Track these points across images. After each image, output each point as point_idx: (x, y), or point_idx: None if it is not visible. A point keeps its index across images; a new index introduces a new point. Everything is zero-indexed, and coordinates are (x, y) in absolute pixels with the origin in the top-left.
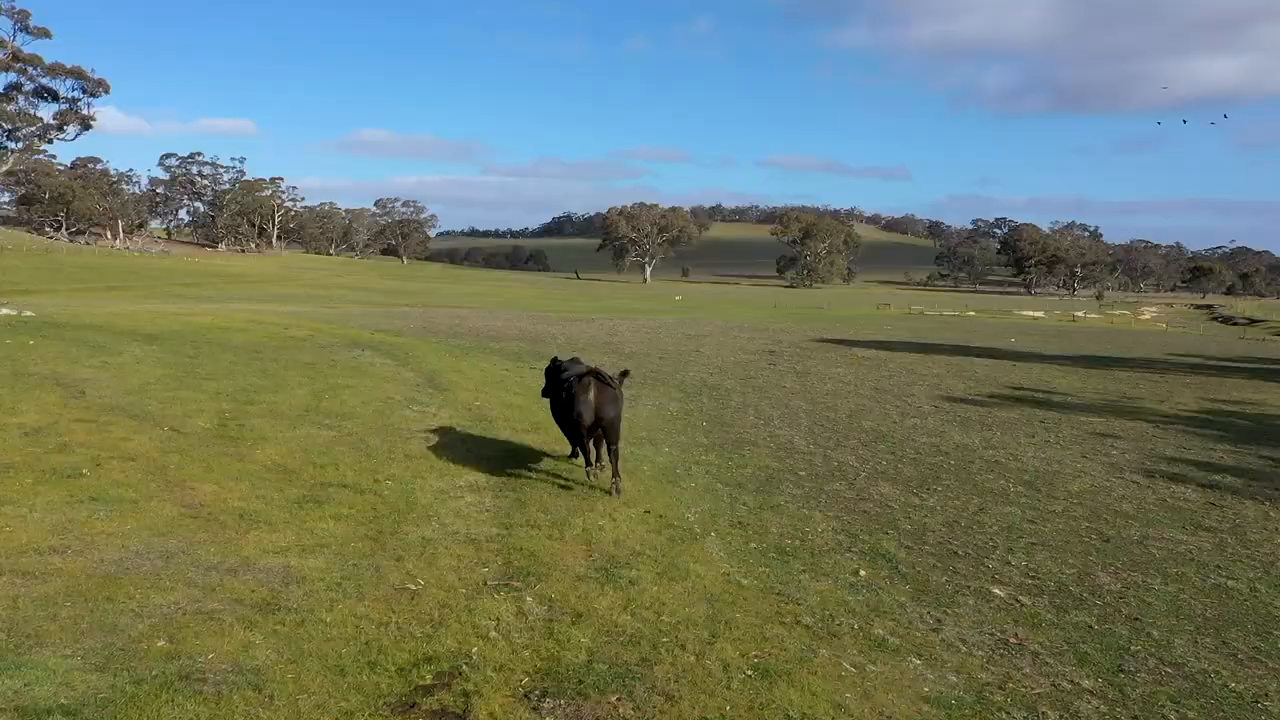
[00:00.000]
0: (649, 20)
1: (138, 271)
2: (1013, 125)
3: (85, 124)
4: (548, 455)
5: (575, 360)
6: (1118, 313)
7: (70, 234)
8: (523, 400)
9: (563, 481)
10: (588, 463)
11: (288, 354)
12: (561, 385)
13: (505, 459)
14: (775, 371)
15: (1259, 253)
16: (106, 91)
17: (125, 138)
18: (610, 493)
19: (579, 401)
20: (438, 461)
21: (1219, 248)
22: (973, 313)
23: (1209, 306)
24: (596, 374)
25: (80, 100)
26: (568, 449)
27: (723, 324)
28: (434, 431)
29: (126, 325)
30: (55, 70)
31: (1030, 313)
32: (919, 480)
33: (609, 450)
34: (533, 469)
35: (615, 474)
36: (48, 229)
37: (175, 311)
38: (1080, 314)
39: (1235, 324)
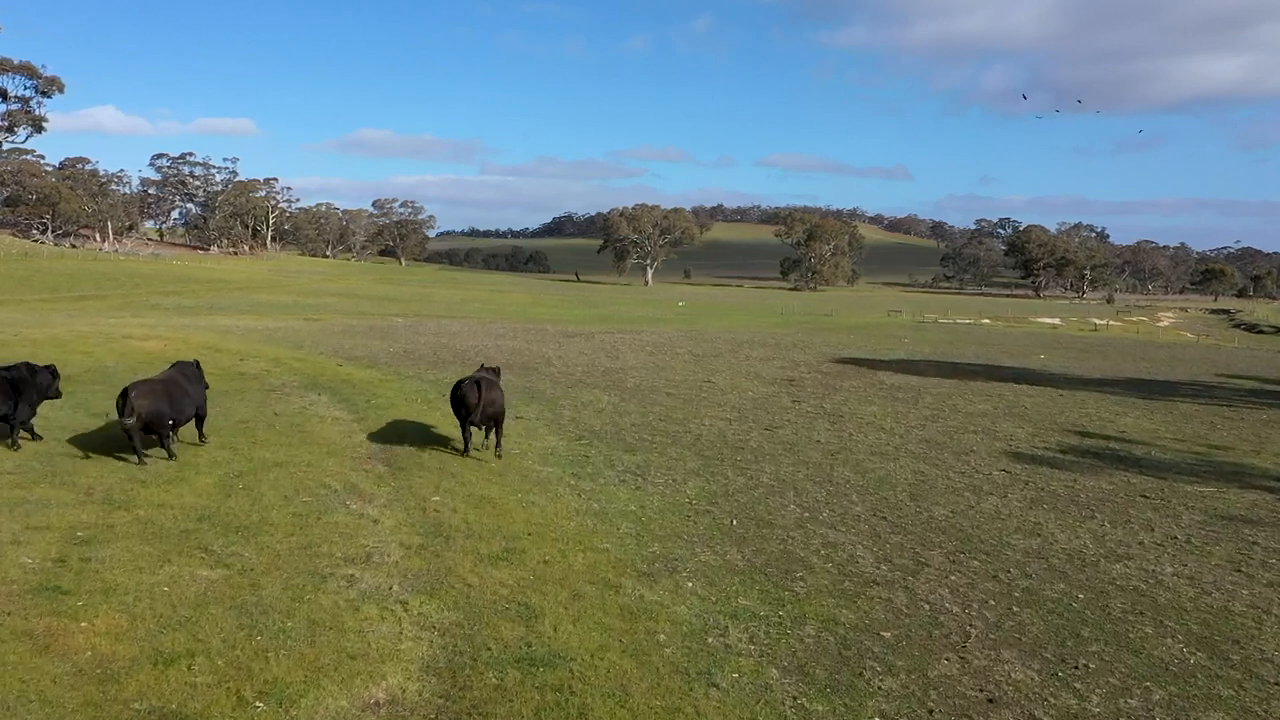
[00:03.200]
0: (649, 20)
1: (117, 277)
2: (1013, 125)
3: (37, 126)
4: (514, 607)
5: (484, 367)
6: (1135, 319)
7: (56, 236)
8: (498, 490)
9: (535, 680)
10: (467, 443)
11: (223, 404)
12: (458, 386)
13: (456, 625)
14: (802, 414)
15: (1269, 254)
16: (60, 91)
17: (126, 138)
18: (496, 457)
19: (467, 398)
20: (355, 638)
21: (1224, 248)
22: (987, 321)
23: (1225, 311)
24: (477, 380)
25: (32, 100)
26: (542, 595)
27: (731, 338)
28: (365, 561)
29: (51, 357)
30: (3, 66)
31: (1047, 320)
32: (1054, 644)
33: (496, 431)
34: (490, 649)
35: (498, 445)
36: (34, 231)
37: (126, 334)
38: (1100, 322)
39: (1261, 332)
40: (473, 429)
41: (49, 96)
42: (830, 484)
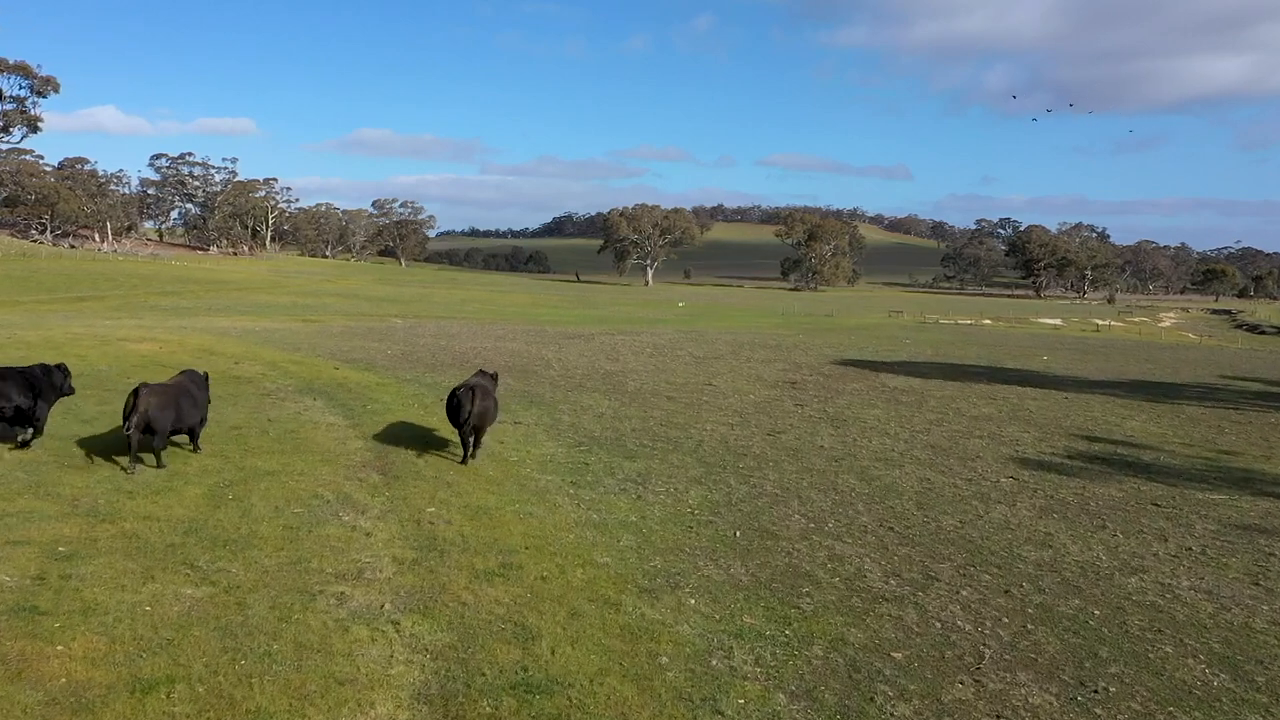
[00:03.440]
0: (649, 20)
1: (115, 278)
2: (1014, 125)
3: (33, 126)
4: (510, 627)
5: (481, 372)
6: (1137, 320)
7: (55, 237)
8: (495, 500)
9: (532, 708)
10: (465, 451)
11: (217, 410)
12: (453, 395)
13: (450, 647)
14: (805, 418)
15: (1269, 254)
16: (55, 91)
17: (126, 138)
18: (472, 456)
19: (463, 406)
20: (343, 661)
21: (1225, 248)
22: (988, 321)
23: (1227, 312)
24: (472, 388)
25: (28, 100)
26: (539, 614)
27: (732, 340)
28: (357, 578)
29: (44, 360)
30: None
31: (1048, 321)
32: (1072, 665)
33: (475, 439)
34: (484, 674)
35: (475, 450)
36: (33, 232)
37: (121, 336)
38: (1102, 323)
39: (1264, 333)
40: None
41: (44, 96)
42: (835, 492)
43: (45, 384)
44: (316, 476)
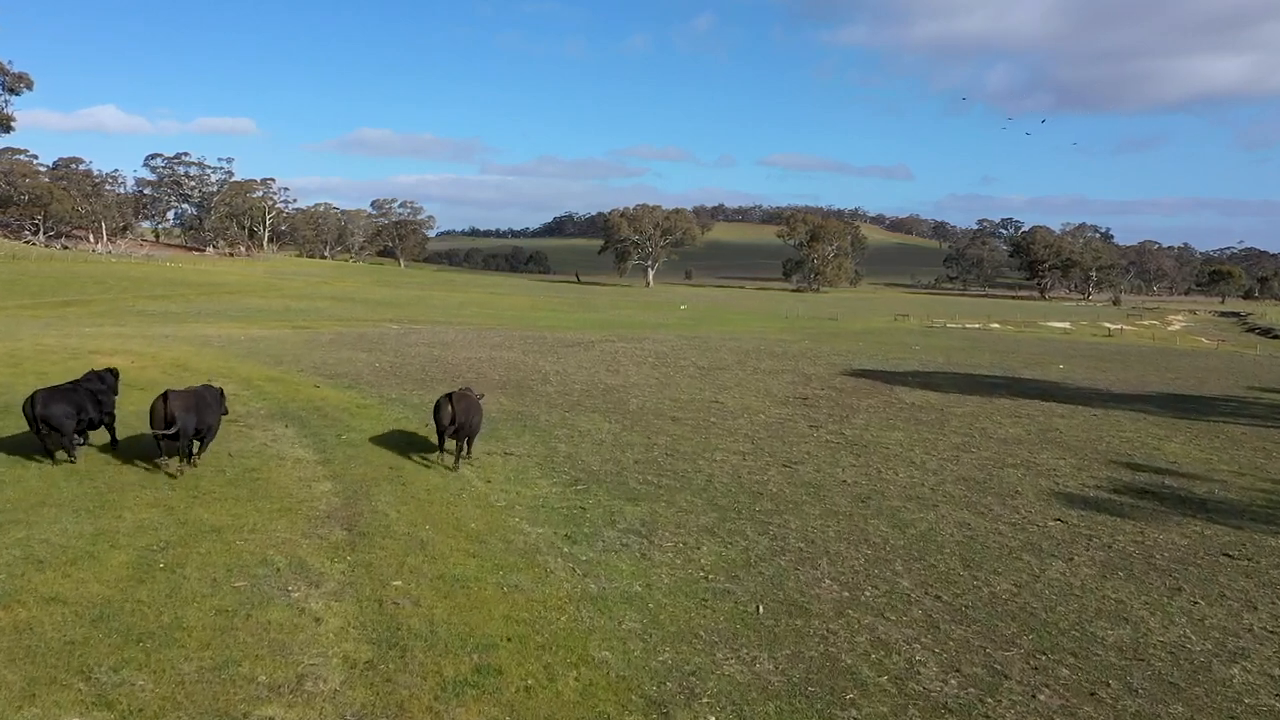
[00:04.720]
0: (649, 20)
1: (105, 281)
2: (1015, 124)
3: (5, 125)
4: None
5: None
6: (1146, 323)
7: (48, 238)
8: (475, 567)
9: None
10: (441, 449)
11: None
12: (437, 402)
13: None
14: (821, 443)
15: (1273, 255)
16: (29, 88)
17: (126, 137)
18: (463, 462)
19: (443, 411)
20: None
21: (1227, 248)
22: (996, 325)
23: (1235, 314)
24: (450, 396)
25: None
26: None
27: (737, 346)
28: (294, 691)
29: (1, 378)
30: None
31: (1057, 324)
32: None
33: (466, 444)
34: None
35: (460, 458)
36: (26, 232)
37: (93, 349)
38: (1113, 327)
39: (1277, 337)
40: (449, 441)
41: (17, 94)
42: (867, 544)
43: (104, 391)
44: (270, 533)
